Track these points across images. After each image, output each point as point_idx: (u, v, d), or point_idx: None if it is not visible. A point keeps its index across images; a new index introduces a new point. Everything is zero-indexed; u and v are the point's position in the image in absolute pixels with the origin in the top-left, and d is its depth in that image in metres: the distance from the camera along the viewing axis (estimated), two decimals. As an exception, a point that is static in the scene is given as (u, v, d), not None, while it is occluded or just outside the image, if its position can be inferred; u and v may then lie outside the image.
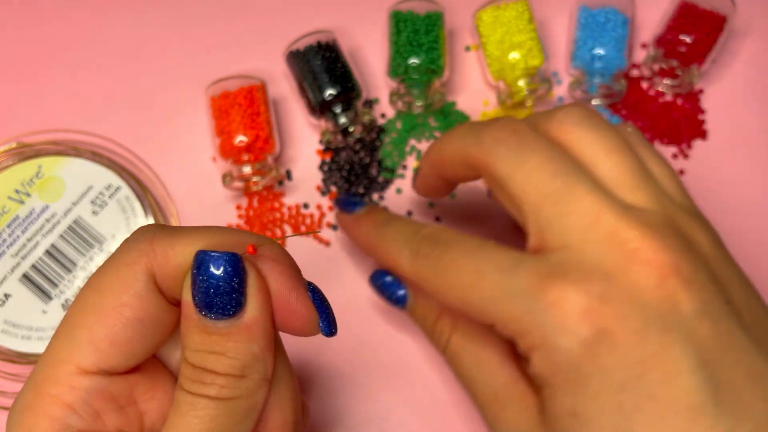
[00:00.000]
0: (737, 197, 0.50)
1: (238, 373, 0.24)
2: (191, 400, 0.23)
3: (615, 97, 0.51)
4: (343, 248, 0.49)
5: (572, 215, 0.27)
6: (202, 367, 0.24)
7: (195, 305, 0.24)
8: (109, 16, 0.55)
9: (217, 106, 0.48)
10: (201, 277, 0.24)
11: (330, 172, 0.51)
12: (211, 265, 0.24)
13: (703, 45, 0.49)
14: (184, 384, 0.24)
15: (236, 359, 0.24)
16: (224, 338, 0.24)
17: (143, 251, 0.25)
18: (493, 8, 0.50)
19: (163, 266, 0.25)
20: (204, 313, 0.24)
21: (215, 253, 0.24)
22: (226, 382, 0.24)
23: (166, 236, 0.25)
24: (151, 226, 0.26)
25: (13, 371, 0.45)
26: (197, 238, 0.25)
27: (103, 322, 0.25)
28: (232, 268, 0.24)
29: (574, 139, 0.30)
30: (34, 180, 0.48)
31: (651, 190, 0.28)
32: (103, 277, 0.26)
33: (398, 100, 0.50)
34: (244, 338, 0.24)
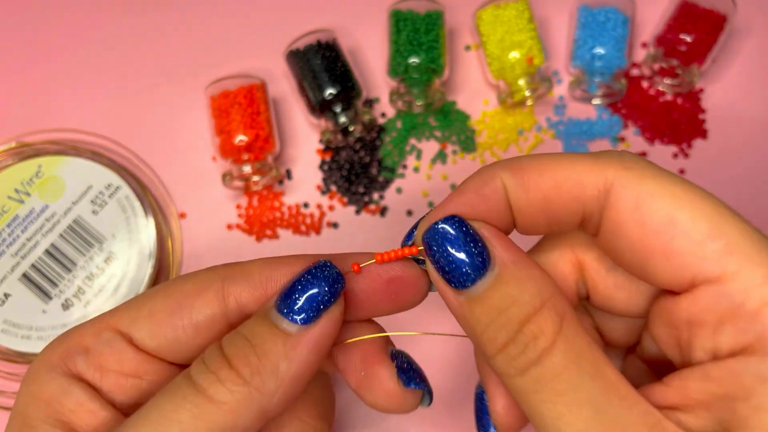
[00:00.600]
0: (737, 197, 0.50)
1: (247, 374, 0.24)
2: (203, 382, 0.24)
3: (615, 97, 0.51)
4: (341, 248, 0.49)
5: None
6: (221, 353, 0.24)
7: (278, 305, 0.24)
8: (109, 17, 0.55)
9: (217, 105, 0.48)
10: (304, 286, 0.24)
11: (330, 172, 0.51)
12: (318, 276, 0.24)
13: (703, 44, 0.49)
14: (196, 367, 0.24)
15: (261, 359, 0.24)
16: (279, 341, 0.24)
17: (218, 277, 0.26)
18: (493, 7, 0.50)
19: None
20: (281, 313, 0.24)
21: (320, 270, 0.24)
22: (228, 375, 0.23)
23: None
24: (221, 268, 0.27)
25: (12, 371, 0.45)
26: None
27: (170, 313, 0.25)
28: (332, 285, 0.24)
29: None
30: (33, 179, 0.47)
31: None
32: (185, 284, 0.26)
33: (398, 99, 0.50)
34: (288, 348, 0.24)
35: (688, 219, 0.21)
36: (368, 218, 0.50)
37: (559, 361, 0.22)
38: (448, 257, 0.23)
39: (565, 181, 0.23)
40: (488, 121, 0.52)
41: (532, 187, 0.24)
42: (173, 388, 0.23)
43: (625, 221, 0.22)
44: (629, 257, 0.23)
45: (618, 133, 0.51)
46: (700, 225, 0.21)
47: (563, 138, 0.51)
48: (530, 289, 0.23)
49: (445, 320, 0.44)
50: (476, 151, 0.51)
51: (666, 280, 0.22)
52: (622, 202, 0.22)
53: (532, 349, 0.22)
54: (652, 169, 0.23)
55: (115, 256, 0.46)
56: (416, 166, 0.51)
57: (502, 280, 0.23)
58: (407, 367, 0.27)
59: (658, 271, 0.22)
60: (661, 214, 0.21)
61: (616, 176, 0.22)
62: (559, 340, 0.22)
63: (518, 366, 0.22)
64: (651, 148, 0.51)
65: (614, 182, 0.22)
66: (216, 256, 0.49)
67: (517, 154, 0.51)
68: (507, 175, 0.24)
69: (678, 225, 0.21)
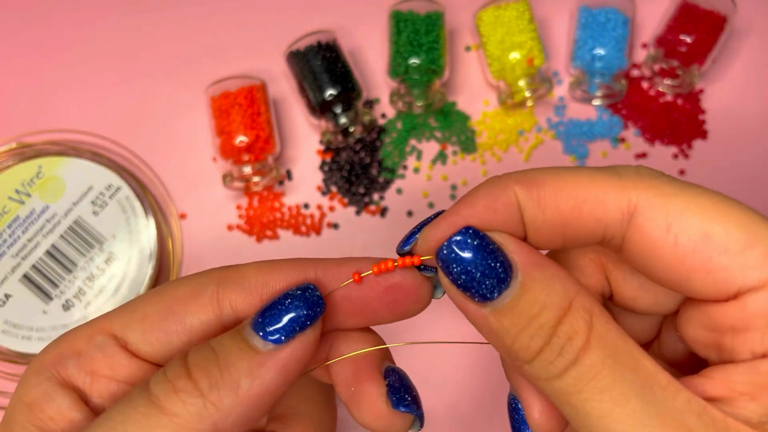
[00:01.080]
0: (738, 197, 0.50)
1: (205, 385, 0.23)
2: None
3: (615, 97, 0.51)
4: (337, 249, 0.49)
5: None
6: (183, 362, 0.23)
7: (253, 323, 0.23)
8: (110, 17, 0.55)
9: (218, 106, 0.48)
10: (284, 307, 0.24)
11: (330, 172, 0.51)
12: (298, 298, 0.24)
13: (703, 45, 0.49)
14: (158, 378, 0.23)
15: (223, 373, 0.23)
16: (245, 357, 0.23)
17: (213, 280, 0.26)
18: (493, 8, 0.50)
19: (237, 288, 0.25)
20: (254, 329, 0.23)
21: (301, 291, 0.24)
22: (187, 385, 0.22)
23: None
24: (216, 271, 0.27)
25: (13, 371, 0.45)
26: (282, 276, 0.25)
27: (163, 316, 0.25)
28: (311, 308, 0.24)
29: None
30: (34, 180, 0.48)
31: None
32: (179, 288, 0.26)
33: (398, 100, 0.50)
34: (253, 365, 0.23)
35: (723, 232, 0.21)
36: (368, 219, 0.50)
37: (597, 359, 0.21)
38: (469, 272, 0.22)
39: (586, 201, 0.22)
40: (488, 122, 0.52)
41: (549, 205, 0.23)
42: (128, 397, 0.22)
43: (656, 243, 0.22)
44: (663, 275, 0.22)
45: (618, 133, 0.51)
46: (735, 236, 0.21)
47: (563, 139, 0.51)
48: (557, 291, 0.22)
49: (456, 326, 0.44)
50: (476, 152, 0.51)
51: (708, 293, 0.22)
52: (651, 224, 0.22)
53: (569, 351, 0.21)
54: (674, 184, 0.22)
55: (116, 257, 0.46)
56: (416, 167, 0.51)
57: (528, 286, 0.22)
58: (399, 387, 0.26)
59: (698, 286, 0.22)
60: (694, 232, 0.21)
61: (641, 197, 0.22)
62: (592, 338, 0.21)
63: (557, 369, 0.22)
64: (651, 148, 0.51)
65: (638, 203, 0.22)
66: (216, 257, 0.49)
67: (518, 155, 0.51)
68: (521, 191, 0.23)
69: (714, 240, 0.21)
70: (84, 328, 0.25)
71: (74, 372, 0.25)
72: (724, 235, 0.21)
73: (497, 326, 0.22)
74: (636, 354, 0.21)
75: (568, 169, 0.23)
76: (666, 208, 0.21)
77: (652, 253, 0.22)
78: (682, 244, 0.21)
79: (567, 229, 0.23)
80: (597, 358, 0.21)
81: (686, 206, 0.21)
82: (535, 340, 0.22)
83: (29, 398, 0.24)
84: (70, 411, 0.24)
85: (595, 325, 0.22)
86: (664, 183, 0.22)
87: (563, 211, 0.22)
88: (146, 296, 0.26)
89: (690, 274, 0.21)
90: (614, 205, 0.22)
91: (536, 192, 0.23)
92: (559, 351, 0.21)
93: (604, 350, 0.21)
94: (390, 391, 0.25)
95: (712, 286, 0.21)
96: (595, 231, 0.23)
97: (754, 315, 0.21)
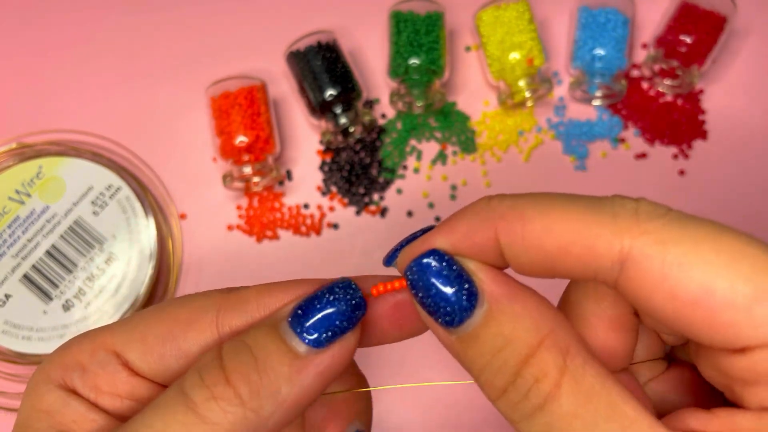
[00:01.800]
0: (737, 197, 0.50)
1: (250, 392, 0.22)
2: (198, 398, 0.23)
3: (615, 98, 0.51)
4: (333, 250, 0.49)
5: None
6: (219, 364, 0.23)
7: (290, 321, 0.23)
8: (110, 17, 0.55)
9: (218, 106, 0.48)
10: (323, 304, 0.23)
11: (330, 173, 0.51)
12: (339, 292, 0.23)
13: (703, 45, 0.49)
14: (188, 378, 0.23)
15: (262, 377, 0.22)
16: (285, 361, 0.22)
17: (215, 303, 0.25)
18: (493, 8, 0.50)
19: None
20: (294, 330, 0.22)
21: (343, 290, 0.23)
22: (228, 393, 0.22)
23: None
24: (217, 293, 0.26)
25: (13, 372, 0.45)
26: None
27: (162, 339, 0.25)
28: (354, 310, 0.23)
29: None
30: (34, 180, 0.48)
31: None
32: (179, 310, 0.25)
33: (399, 100, 0.50)
34: (293, 370, 0.22)
35: (728, 287, 0.19)
36: (368, 219, 0.50)
37: (568, 406, 0.19)
38: (433, 294, 0.22)
39: (573, 245, 0.20)
40: (488, 122, 0.52)
41: (533, 245, 0.21)
42: (164, 403, 0.22)
43: (650, 294, 0.20)
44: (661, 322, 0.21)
45: (618, 134, 0.51)
46: (742, 290, 0.19)
47: (563, 139, 0.51)
48: (525, 325, 0.20)
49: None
50: (476, 152, 0.51)
51: (713, 344, 0.20)
52: (644, 275, 0.20)
53: (535, 395, 0.20)
54: (674, 228, 0.20)
55: (116, 257, 0.46)
56: (416, 167, 0.51)
57: (493, 316, 0.21)
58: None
59: (701, 337, 0.20)
60: (695, 286, 0.19)
61: (634, 244, 0.20)
62: (564, 381, 0.20)
63: (522, 413, 0.20)
64: (651, 148, 0.51)
65: (632, 251, 0.20)
66: (216, 257, 0.49)
67: (518, 155, 0.51)
68: (504, 229, 0.21)
69: (717, 294, 0.19)
70: (85, 340, 0.25)
71: (80, 385, 0.25)
72: (729, 290, 0.19)
73: (463, 355, 0.21)
74: (616, 400, 0.20)
75: (560, 202, 0.21)
76: (662, 258, 0.19)
77: (647, 304, 0.20)
78: (681, 297, 0.19)
79: (553, 267, 0.21)
80: (568, 406, 0.19)
81: (686, 257, 0.19)
82: (499, 378, 0.20)
83: (44, 405, 0.24)
84: (90, 413, 0.24)
85: (570, 367, 0.20)
86: (663, 226, 0.20)
87: (548, 252, 0.21)
88: (147, 315, 0.25)
89: (691, 327, 0.20)
90: (604, 251, 0.20)
91: (521, 230, 0.21)
92: (524, 393, 0.20)
93: (578, 397, 0.20)
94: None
95: (718, 340, 0.20)
96: (585, 274, 0.21)
97: (765, 371, 0.19)
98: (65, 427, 0.24)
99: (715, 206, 0.50)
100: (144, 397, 0.25)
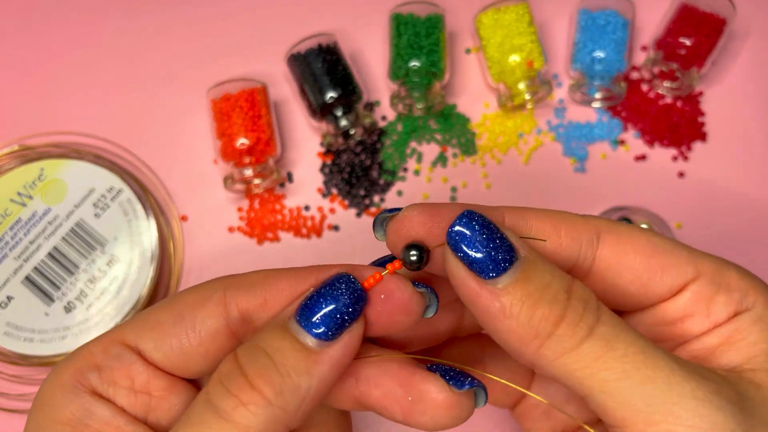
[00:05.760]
0: (737, 199, 0.50)
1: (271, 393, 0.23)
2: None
3: (615, 100, 0.52)
4: (333, 250, 0.49)
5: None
6: (240, 371, 0.23)
7: (298, 319, 0.24)
8: (111, 20, 0.55)
9: (219, 108, 0.48)
10: (327, 300, 0.24)
11: (331, 175, 0.51)
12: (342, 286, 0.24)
13: (702, 47, 0.49)
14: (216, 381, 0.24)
15: (284, 377, 0.23)
16: (301, 357, 0.23)
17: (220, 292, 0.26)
18: (493, 11, 0.50)
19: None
20: (303, 327, 0.23)
21: (343, 283, 0.24)
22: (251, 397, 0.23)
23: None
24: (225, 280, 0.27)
25: (15, 373, 0.45)
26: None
27: (174, 323, 0.26)
28: (356, 302, 0.24)
29: None
30: (36, 183, 0.48)
31: None
32: (188, 296, 0.26)
33: (399, 102, 0.50)
34: (310, 364, 0.23)
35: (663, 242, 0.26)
36: (369, 221, 0.50)
37: (610, 318, 0.23)
38: (479, 247, 0.23)
39: (561, 227, 0.26)
40: (489, 124, 0.52)
41: (532, 227, 0.26)
42: (196, 416, 0.23)
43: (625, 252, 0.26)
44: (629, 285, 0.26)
45: (618, 135, 0.52)
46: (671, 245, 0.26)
47: (563, 141, 0.51)
48: (557, 267, 0.24)
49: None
50: (476, 154, 0.51)
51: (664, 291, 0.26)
52: (619, 239, 0.26)
53: (591, 311, 0.23)
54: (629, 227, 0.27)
55: (117, 259, 0.47)
56: (417, 169, 0.51)
57: (532, 261, 0.24)
58: (451, 371, 0.25)
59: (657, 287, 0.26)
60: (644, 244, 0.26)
61: (601, 225, 0.26)
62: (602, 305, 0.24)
63: (582, 332, 0.23)
64: (651, 150, 0.51)
65: (601, 228, 0.26)
66: (217, 259, 0.49)
67: (518, 157, 0.51)
68: (507, 212, 0.26)
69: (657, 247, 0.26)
70: (96, 342, 0.26)
71: (98, 383, 0.25)
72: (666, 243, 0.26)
73: (511, 303, 0.23)
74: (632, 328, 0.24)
75: (541, 210, 0.26)
76: (627, 230, 0.26)
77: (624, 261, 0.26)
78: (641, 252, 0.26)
79: (543, 248, 0.26)
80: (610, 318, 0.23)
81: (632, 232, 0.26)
82: (555, 307, 0.23)
83: (66, 417, 0.24)
84: (115, 419, 0.25)
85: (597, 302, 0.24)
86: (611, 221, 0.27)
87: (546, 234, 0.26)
88: (156, 306, 0.26)
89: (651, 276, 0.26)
90: (584, 228, 0.26)
91: (522, 220, 0.26)
92: (581, 312, 0.23)
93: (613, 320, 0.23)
94: (447, 378, 0.25)
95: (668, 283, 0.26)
96: (573, 246, 0.26)
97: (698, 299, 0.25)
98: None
99: (714, 208, 0.50)
100: (159, 391, 0.26)
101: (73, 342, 0.45)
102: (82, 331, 0.45)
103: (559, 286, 0.23)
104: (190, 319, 0.25)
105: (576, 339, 0.23)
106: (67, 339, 0.45)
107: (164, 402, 0.26)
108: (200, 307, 0.26)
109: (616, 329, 0.23)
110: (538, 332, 0.23)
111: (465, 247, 0.23)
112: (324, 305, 0.24)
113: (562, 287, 0.23)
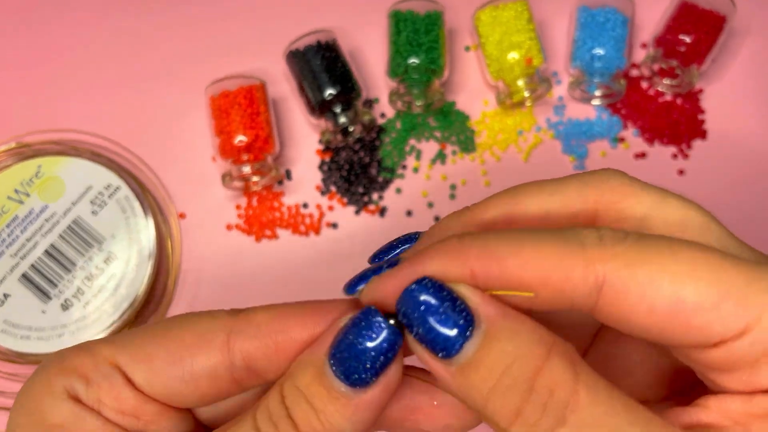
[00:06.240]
0: (737, 197, 0.50)
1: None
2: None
3: (614, 97, 0.51)
4: (331, 252, 0.49)
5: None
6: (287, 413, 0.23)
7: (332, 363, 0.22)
8: (110, 17, 0.55)
9: (217, 105, 0.48)
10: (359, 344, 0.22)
11: (330, 172, 0.51)
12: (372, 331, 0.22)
13: (702, 45, 0.49)
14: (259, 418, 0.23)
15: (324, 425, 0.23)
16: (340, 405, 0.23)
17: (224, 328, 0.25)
18: (491, 8, 0.50)
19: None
20: (338, 376, 0.22)
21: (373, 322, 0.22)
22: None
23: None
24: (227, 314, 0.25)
25: (12, 371, 0.45)
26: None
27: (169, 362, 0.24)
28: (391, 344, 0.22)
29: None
30: (33, 180, 0.48)
31: None
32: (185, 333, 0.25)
33: (398, 99, 0.50)
34: (349, 412, 0.22)
35: (694, 293, 0.20)
36: (368, 218, 0.50)
37: (590, 415, 0.19)
38: (428, 325, 0.21)
39: (550, 278, 0.21)
40: (488, 122, 0.52)
41: (511, 282, 0.21)
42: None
43: (630, 313, 0.21)
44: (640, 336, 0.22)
45: (617, 133, 0.51)
46: (706, 293, 0.20)
47: (563, 138, 0.51)
48: (529, 338, 0.20)
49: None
50: (476, 152, 0.51)
51: (689, 346, 0.21)
52: (622, 295, 0.21)
53: (554, 407, 0.19)
54: (638, 249, 0.21)
55: (115, 257, 0.46)
56: (416, 167, 0.51)
57: (494, 336, 0.20)
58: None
59: (677, 342, 0.21)
60: (667, 299, 0.20)
61: (607, 269, 0.21)
62: (580, 389, 0.19)
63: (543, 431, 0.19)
64: (650, 148, 0.51)
65: (606, 276, 0.21)
66: (215, 257, 0.49)
67: (517, 155, 0.51)
68: (481, 267, 0.21)
69: (687, 302, 0.20)
70: (86, 352, 0.24)
71: (84, 396, 0.24)
72: (696, 295, 0.20)
73: (466, 386, 0.21)
74: (629, 402, 0.20)
75: (530, 239, 0.21)
76: (636, 279, 0.20)
77: (627, 322, 0.21)
78: (657, 311, 0.20)
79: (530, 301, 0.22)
80: (590, 414, 0.19)
81: (654, 273, 0.21)
82: (510, 398, 0.20)
83: (56, 419, 0.24)
84: (106, 428, 0.24)
85: (581, 375, 0.20)
86: (628, 249, 0.21)
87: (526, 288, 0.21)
88: (151, 334, 0.25)
89: (669, 334, 0.21)
90: (580, 280, 0.21)
91: (497, 269, 0.21)
92: (542, 408, 0.19)
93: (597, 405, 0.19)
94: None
95: (693, 341, 0.21)
96: (562, 304, 0.21)
97: (739, 359, 0.21)
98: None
99: (714, 206, 0.49)
100: (147, 416, 0.25)
101: (70, 339, 0.45)
102: (79, 329, 0.45)
103: (520, 371, 0.20)
104: (187, 363, 0.24)
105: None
106: (64, 337, 0.45)
107: (153, 426, 0.25)
108: (200, 351, 0.24)
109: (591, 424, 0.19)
110: (495, 422, 0.20)
111: (414, 325, 0.21)
112: (356, 350, 0.22)
113: (523, 374, 0.20)
